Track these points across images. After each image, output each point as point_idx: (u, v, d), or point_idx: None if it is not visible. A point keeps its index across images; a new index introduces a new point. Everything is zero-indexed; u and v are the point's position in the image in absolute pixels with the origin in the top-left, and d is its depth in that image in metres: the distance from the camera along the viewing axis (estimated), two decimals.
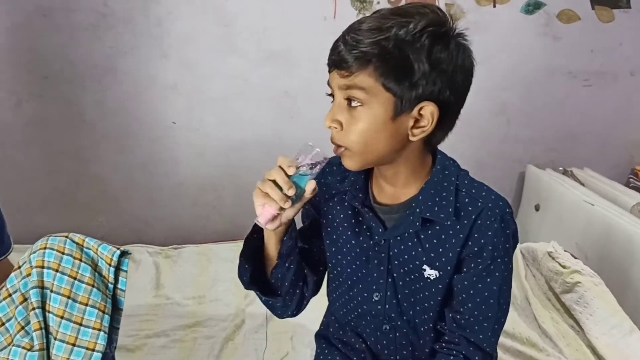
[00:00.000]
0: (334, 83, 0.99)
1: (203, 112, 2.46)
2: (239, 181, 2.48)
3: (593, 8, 2.51)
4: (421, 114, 0.97)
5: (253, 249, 1.15)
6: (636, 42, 2.57)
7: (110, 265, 1.22)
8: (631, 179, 2.60)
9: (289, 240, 1.10)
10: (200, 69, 2.39)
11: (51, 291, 1.17)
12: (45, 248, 1.19)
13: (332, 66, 0.98)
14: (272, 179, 1.00)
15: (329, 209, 1.16)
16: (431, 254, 1.06)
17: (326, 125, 1.00)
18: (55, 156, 2.42)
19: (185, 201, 2.55)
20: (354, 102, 0.97)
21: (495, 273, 1.04)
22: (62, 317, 1.16)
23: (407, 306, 1.11)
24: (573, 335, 1.77)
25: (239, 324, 1.84)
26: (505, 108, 2.61)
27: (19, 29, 2.25)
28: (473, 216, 1.02)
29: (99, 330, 1.18)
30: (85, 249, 1.22)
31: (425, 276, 1.07)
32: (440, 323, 1.10)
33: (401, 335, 1.14)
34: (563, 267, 1.91)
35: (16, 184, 2.37)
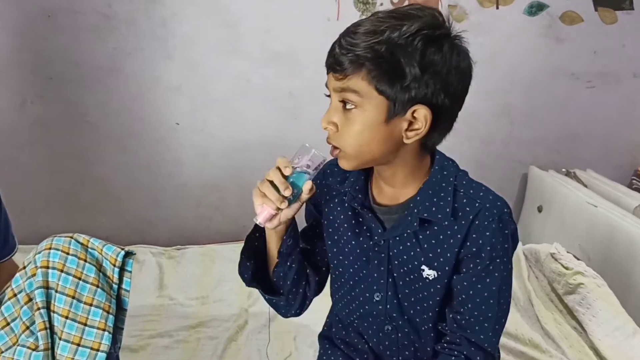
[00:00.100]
0: (330, 85, 1.00)
1: (207, 113, 2.46)
2: (243, 182, 2.47)
3: (596, 9, 2.51)
4: (415, 117, 0.97)
5: (255, 247, 1.16)
6: (639, 44, 2.57)
7: (114, 265, 1.23)
8: (634, 181, 2.60)
9: (289, 239, 1.12)
10: (204, 70, 2.40)
11: (56, 291, 1.17)
12: (50, 248, 1.19)
13: (328, 68, 0.99)
14: (270, 180, 1.01)
15: (330, 210, 1.17)
16: (430, 254, 1.06)
17: (322, 126, 1.01)
18: (59, 157, 2.43)
19: (188, 202, 2.55)
20: (349, 105, 0.98)
21: (494, 273, 1.04)
22: (67, 317, 1.16)
23: (408, 306, 1.11)
24: (576, 336, 1.77)
25: (242, 325, 1.84)
26: (508, 109, 2.61)
27: (24, 31, 2.26)
28: (471, 216, 1.03)
29: (104, 330, 1.18)
30: (89, 250, 1.22)
31: (424, 276, 1.07)
32: (441, 323, 1.10)
33: (403, 335, 1.14)
34: (566, 269, 1.92)
35: (20, 185, 2.38)
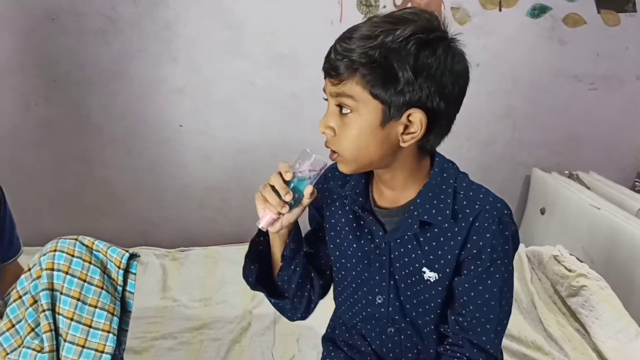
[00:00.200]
0: (327, 90, 1.01)
1: (210, 115, 2.47)
2: (246, 183, 2.47)
3: (599, 12, 2.51)
4: (410, 121, 0.97)
5: (259, 251, 1.17)
6: None
7: (119, 267, 1.23)
8: (637, 183, 2.60)
9: (292, 243, 1.12)
10: (207, 72, 2.40)
11: (61, 293, 1.18)
12: (55, 251, 1.20)
13: (325, 74, 1.00)
14: (272, 185, 1.03)
15: (332, 214, 1.17)
16: (430, 257, 1.06)
17: (320, 130, 1.02)
18: (63, 158, 2.43)
19: (192, 203, 2.56)
20: (345, 109, 0.98)
21: (495, 275, 1.04)
22: (72, 319, 1.17)
23: (410, 308, 1.11)
24: (579, 339, 1.77)
25: (246, 327, 1.85)
26: (510, 111, 2.60)
27: (28, 33, 2.27)
28: (471, 218, 1.03)
29: (108, 332, 1.19)
30: (94, 252, 1.23)
31: (425, 278, 1.07)
32: (443, 325, 1.10)
33: (406, 337, 1.14)
34: (569, 271, 1.92)
35: (24, 186, 2.38)
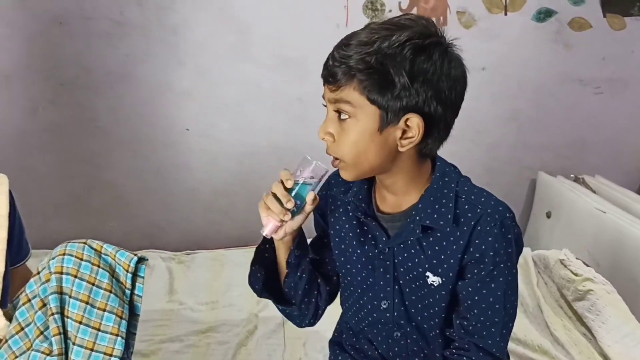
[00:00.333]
0: (326, 96, 1.02)
1: (216, 118, 2.47)
2: (252, 187, 2.48)
3: (605, 16, 2.51)
4: (408, 125, 0.98)
5: (265, 258, 1.18)
6: None
7: (127, 271, 1.24)
8: None
9: (297, 250, 1.13)
10: (214, 76, 2.41)
11: (70, 297, 1.18)
12: (64, 254, 1.21)
13: (323, 80, 1.01)
14: (274, 193, 1.04)
15: (336, 220, 1.18)
16: (433, 261, 1.06)
17: (320, 136, 1.03)
18: (69, 162, 2.45)
19: (198, 207, 2.56)
20: (343, 115, 0.99)
21: (499, 278, 1.04)
22: (81, 323, 1.17)
23: (415, 312, 1.12)
24: (585, 343, 1.76)
25: (252, 330, 1.85)
26: (516, 115, 2.60)
27: (36, 38, 2.28)
28: (472, 222, 1.03)
29: (117, 335, 1.19)
30: (103, 255, 1.23)
31: (429, 283, 1.08)
32: (448, 329, 1.10)
33: (412, 342, 1.14)
34: (575, 275, 1.91)
35: (31, 190, 2.39)
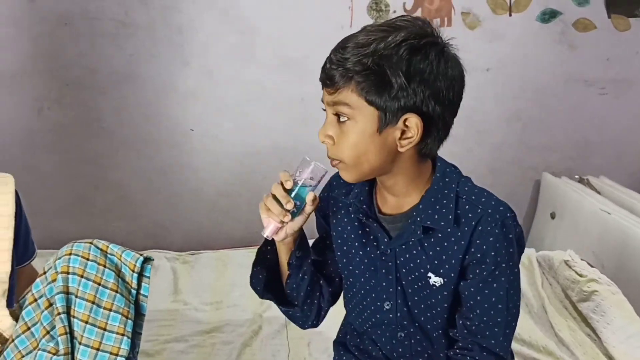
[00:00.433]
0: (325, 99, 1.02)
1: (220, 119, 2.48)
2: (256, 187, 2.47)
3: (609, 17, 2.51)
4: (407, 125, 0.98)
5: (267, 260, 1.19)
6: None
7: (133, 271, 1.24)
8: None
9: (298, 251, 1.14)
10: (218, 76, 2.42)
11: (76, 296, 1.18)
12: (70, 254, 1.21)
13: (322, 84, 1.01)
14: (274, 194, 1.04)
15: (338, 222, 1.18)
16: (435, 261, 1.07)
17: (320, 140, 1.04)
18: (74, 162, 2.45)
19: (202, 207, 2.57)
20: (342, 117, 1.00)
21: (500, 278, 1.04)
22: (87, 322, 1.17)
23: (418, 313, 1.12)
24: (590, 344, 1.76)
25: (257, 330, 1.85)
26: (520, 116, 2.60)
27: (41, 38, 2.29)
28: (473, 223, 1.03)
29: (123, 335, 1.19)
30: (109, 255, 1.24)
31: (431, 283, 1.08)
32: (452, 330, 1.11)
33: (416, 342, 1.15)
34: (580, 276, 1.91)
35: (36, 189, 2.40)
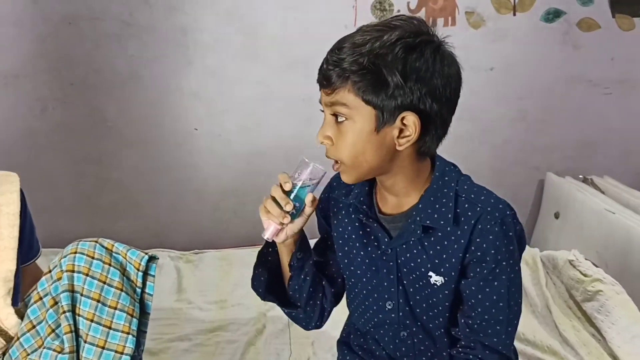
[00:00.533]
0: (322, 101, 1.02)
1: (224, 119, 2.48)
2: (260, 187, 2.43)
3: (614, 16, 2.50)
4: (404, 124, 0.98)
5: (269, 262, 1.20)
6: None
7: (138, 270, 1.24)
8: None
9: (299, 252, 1.15)
10: (222, 77, 2.42)
11: (81, 295, 1.19)
12: (75, 253, 1.21)
13: (319, 85, 1.02)
14: (273, 196, 1.05)
15: (339, 222, 1.18)
16: (435, 261, 1.07)
17: (319, 141, 1.04)
18: (79, 161, 2.46)
19: (206, 206, 2.57)
20: (340, 118, 1.00)
21: (501, 276, 1.04)
22: (92, 321, 1.18)
23: (420, 312, 1.12)
24: (594, 344, 1.76)
25: (261, 329, 1.85)
26: (524, 115, 2.60)
27: (46, 38, 2.30)
28: (472, 221, 1.03)
29: (128, 333, 1.19)
30: (114, 254, 1.24)
31: (431, 282, 1.08)
32: (454, 329, 1.11)
33: (419, 341, 1.15)
34: (584, 276, 1.91)
35: (41, 189, 2.39)
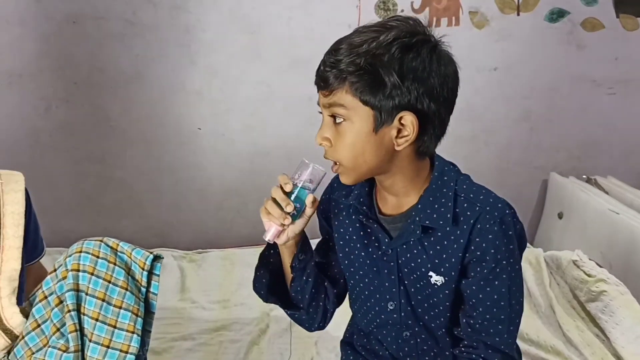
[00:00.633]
0: (321, 102, 1.02)
1: (228, 118, 2.48)
2: (263, 186, 2.42)
3: (617, 16, 2.50)
4: (402, 124, 0.98)
5: (271, 264, 1.20)
6: None
7: (143, 269, 1.24)
8: None
9: (300, 254, 1.15)
10: (225, 76, 2.42)
11: (86, 294, 1.18)
12: (80, 252, 1.21)
13: (317, 87, 1.02)
14: (273, 197, 1.05)
15: (339, 224, 1.18)
16: (435, 260, 1.07)
17: (317, 142, 1.04)
18: (82, 161, 2.46)
19: (209, 206, 2.57)
20: (338, 119, 1.00)
21: (502, 275, 1.04)
22: (97, 320, 1.18)
23: (422, 312, 1.12)
24: (598, 344, 1.76)
25: (264, 329, 1.86)
26: (528, 115, 2.60)
27: (50, 37, 2.30)
28: (472, 221, 1.03)
29: (132, 332, 1.19)
30: (119, 253, 1.24)
31: (432, 282, 1.08)
32: (456, 328, 1.11)
33: (421, 341, 1.15)
34: (588, 276, 1.90)
35: (44, 188, 2.39)
